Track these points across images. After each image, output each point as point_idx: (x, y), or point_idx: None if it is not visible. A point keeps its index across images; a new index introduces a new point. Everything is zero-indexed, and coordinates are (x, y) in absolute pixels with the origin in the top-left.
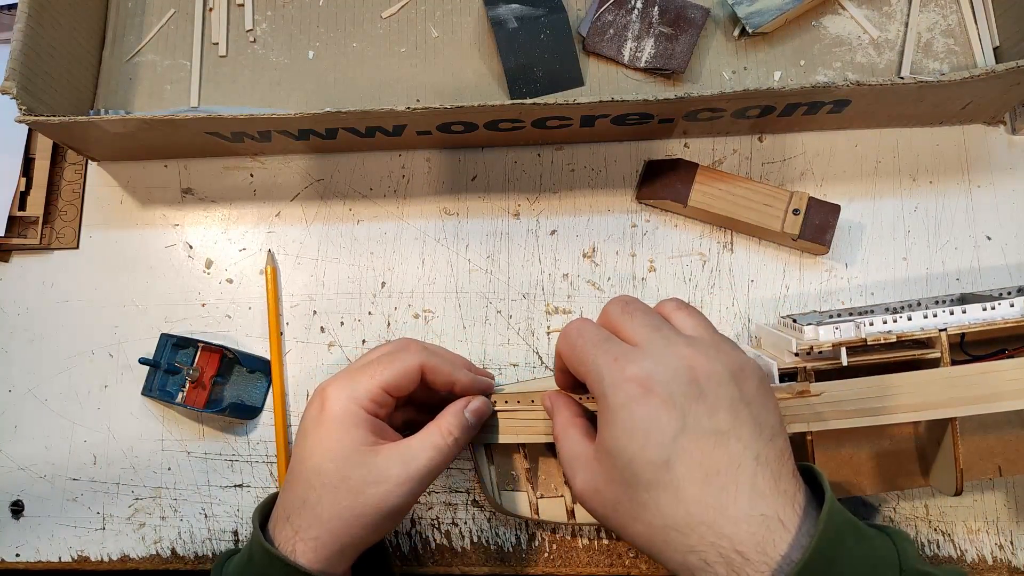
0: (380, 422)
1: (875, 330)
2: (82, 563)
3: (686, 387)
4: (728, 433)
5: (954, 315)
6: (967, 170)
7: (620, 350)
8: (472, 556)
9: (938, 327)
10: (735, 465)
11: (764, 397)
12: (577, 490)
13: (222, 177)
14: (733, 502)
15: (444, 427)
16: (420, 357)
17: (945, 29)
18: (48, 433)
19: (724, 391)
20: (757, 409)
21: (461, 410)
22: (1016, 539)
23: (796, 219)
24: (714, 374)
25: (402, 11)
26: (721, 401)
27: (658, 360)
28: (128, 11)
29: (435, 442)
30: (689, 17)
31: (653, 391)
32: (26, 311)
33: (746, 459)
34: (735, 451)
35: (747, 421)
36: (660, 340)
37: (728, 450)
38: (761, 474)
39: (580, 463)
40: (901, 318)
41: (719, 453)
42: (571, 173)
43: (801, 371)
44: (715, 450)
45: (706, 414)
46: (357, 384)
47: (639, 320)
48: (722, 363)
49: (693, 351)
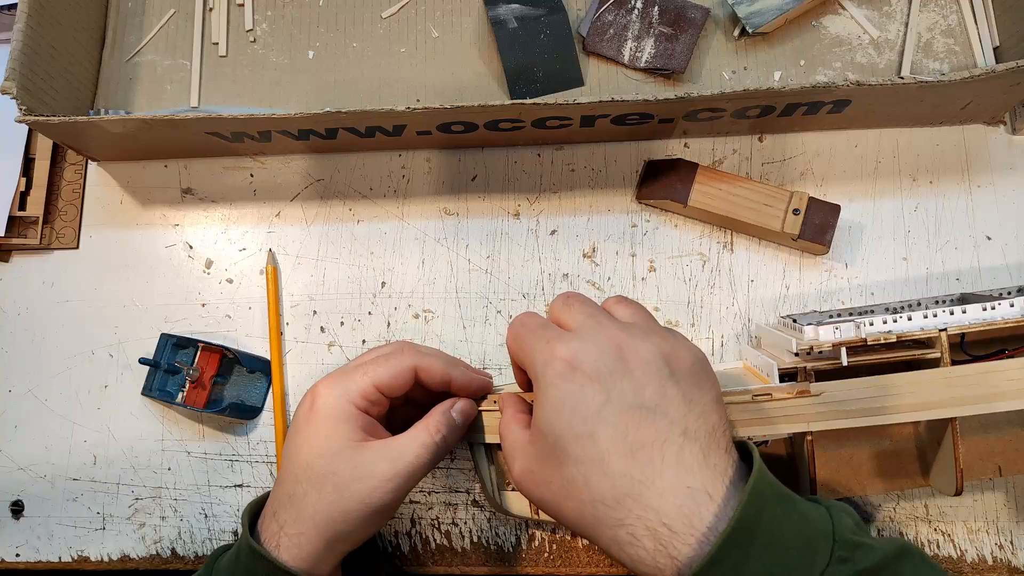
0: (371, 419)
1: (875, 330)
2: (82, 563)
3: (612, 363)
4: (654, 409)
5: (954, 315)
6: (967, 170)
7: (554, 334)
8: (472, 556)
9: (938, 327)
10: (661, 439)
11: (696, 376)
12: (515, 476)
13: (222, 177)
14: (659, 475)
15: (432, 426)
16: (414, 358)
17: (945, 29)
18: (48, 433)
19: (652, 369)
20: (687, 387)
21: (448, 410)
22: (1016, 539)
23: (796, 219)
24: (642, 352)
25: (402, 11)
26: (649, 378)
27: (587, 340)
28: (128, 11)
29: (423, 440)
30: (689, 17)
31: (580, 368)
32: (26, 311)
33: (673, 434)
34: (661, 426)
35: (675, 398)
36: (592, 324)
37: (654, 425)
38: (688, 448)
39: (517, 449)
40: (901, 318)
41: (645, 427)
42: (571, 173)
43: (801, 371)
44: (641, 424)
45: (632, 390)
46: (349, 382)
47: (576, 309)
48: (652, 343)
49: (623, 333)
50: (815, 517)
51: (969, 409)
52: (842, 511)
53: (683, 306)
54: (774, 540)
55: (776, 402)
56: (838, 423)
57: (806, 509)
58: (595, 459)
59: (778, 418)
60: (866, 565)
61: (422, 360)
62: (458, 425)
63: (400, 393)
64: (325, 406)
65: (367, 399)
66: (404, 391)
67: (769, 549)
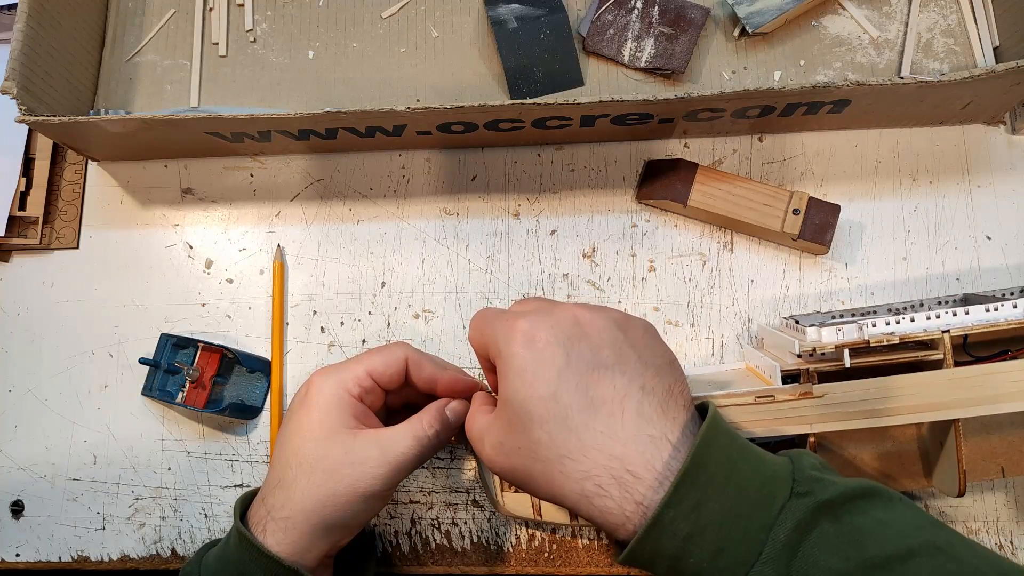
0: (364, 408)
1: (878, 331)
2: (82, 563)
3: (570, 329)
4: (612, 367)
5: (957, 316)
6: (967, 170)
7: (513, 314)
8: (472, 556)
9: (941, 328)
10: (620, 395)
11: (650, 342)
12: (486, 456)
13: (222, 177)
14: (621, 427)
15: (426, 420)
16: (405, 351)
17: (945, 29)
18: (48, 433)
19: (607, 334)
20: (642, 350)
21: (442, 407)
22: (1016, 539)
23: (796, 219)
24: (597, 319)
25: (402, 11)
26: (604, 341)
27: (545, 314)
28: (128, 11)
29: (416, 431)
30: (689, 17)
31: (538, 336)
32: (26, 311)
33: (632, 389)
34: (619, 383)
35: (631, 359)
36: (548, 306)
37: (613, 382)
38: (647, 402)
39: (484, 431)
40: (904, 319)
41: (604, 384)
42: (571, 173)
43: (804, 372)
44: (600, 381)
45: (589, 351)
46: (343, 370)
47: (532, 300)
48: (606, 314)
49: (579, 307)
50: (773, 460)
51: (972, 411)
52: (803, 454)
53: (683, 306)
54: (731, 479)
55: (779, 404)
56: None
57: (763, 453)
58: (559, 416)
59: (781, 419)
60: (827, 496)
61: (413, 354)
62: (451, 423)
63: (393, 384)
64: (320, 392)
65: (361, 386)
66: (396, 382)
67: (727, 488)
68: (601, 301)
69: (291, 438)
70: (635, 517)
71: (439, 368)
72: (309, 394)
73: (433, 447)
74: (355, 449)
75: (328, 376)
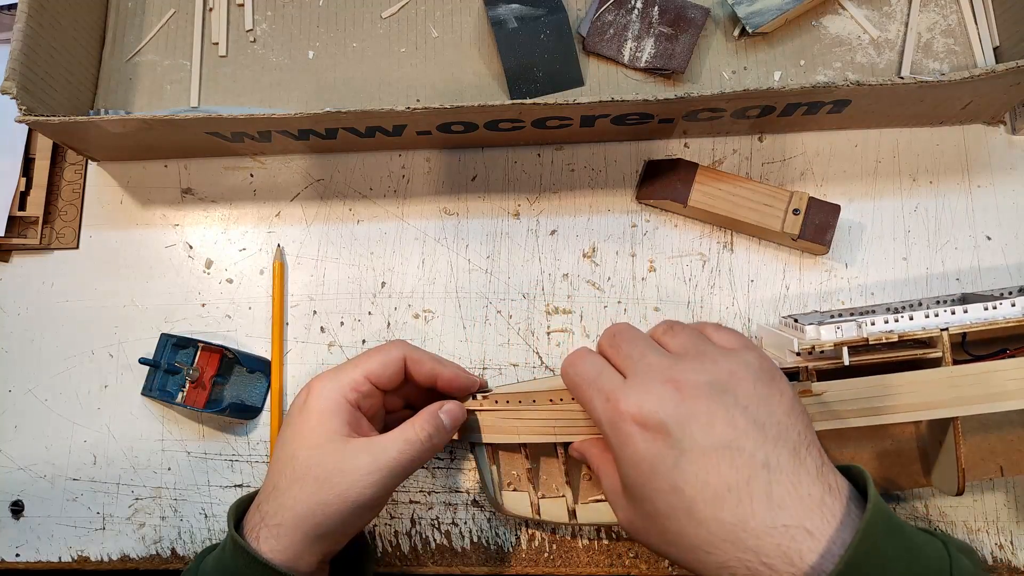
0: (360, 415)
1: (877, 329)
2: (82, 563)
3: (675, 410)
4: (729, 445)
5: (955, 315)
6: (967, 170)
7: (610, 385)
8: (472, 556)
9: (939, 326)
10: (744, 479)
11: (763, 395)
12: (621, 524)
13: (222, 177)
14: (751, 516)
15: (418, 424)
16: (403, 349)
17: (945, 29)
18: (48, 433)
19: (716, 403)
20: (756, 410)
21: (436, 411)
22: (1016, 539)
23: (796, 219)
24: (702, 388)
25: (402, 11)
26: (715, 414)
27: (645, 390)
28: (128, 11)
29: (407, 436)
30: (689, 17)
31: (646, 424)
32: (26, 311)
33: (755, 468)
34: (740, 463)
35: (747, 427)
36: (644, 369)
37: (733, 463)
38: (776, 481)
39: (615, 498)
40: (903, 317)
41: (725, 468)
42: (571, 173)
43: (803, 370)
44: (720, 466)
45: (701, 432)
46: (342, 375)
47: (625, 351)
48: (708, 374)
49: (677, 371)
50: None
51: (971, 409)
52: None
53: (683, 306)
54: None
55: None
56: (840, 423)
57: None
58: (684, 510)
59: None
60: None
61: (412, 352)
62: (445, 426)
63: (392, 385)
64: (318, 398)
65: (359, 391)
66: (395, 383)
67: None
68: (601, 301)
69: (286, 445)
70: None
71: (438, 363)
72: (307, 401)
73: (427, 451)
74: (346, 457)
75: (326, 382)
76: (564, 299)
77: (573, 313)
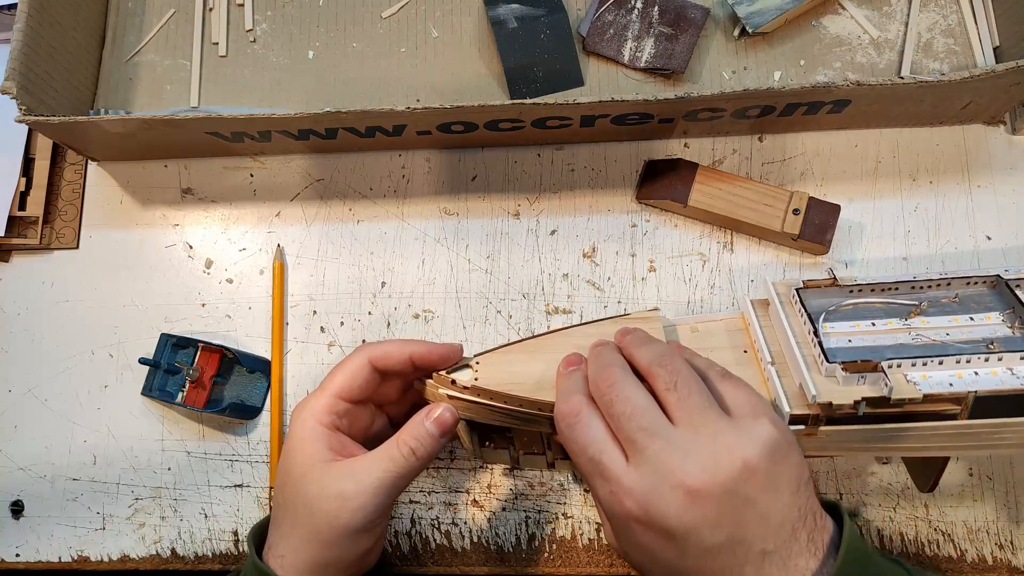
0: (341, 436)
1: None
2: (82, 563)
3: (684, 516)
4: (731, 541)
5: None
6: (967, 170)
7: (615, 473)
8: (472, 556)
9: (969, 389)
10: (739, 564)
11: (772, 479)
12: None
13: (222, 177)
14: None
15: (402, 440)
16: (365, 353)
17: (945, 29)
18: (48, 433)
19: (726, 505)
20: (764, 503)
21: (421, 421)
22: (1016, 539)
23: (796, 219)
24: (713, 492)
25: (402, 11)
26: (724, 516)
27: (652, 491)
28: (128, 11)
29: (390, 454)
30: (689, 17)
31: (651, 526)
32: (26, 311)
33: (751, 555)
34: (740, 552)
35: (752, 521)
36: (651, 460)
37: (733, 553)
38: (768, 563)
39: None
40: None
41: (723, 558)
42: (571, 173)
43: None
44: (719, 557)
45: (708, 531)
46: (312, 401)
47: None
48: (721, 473)
49: (688, 472)
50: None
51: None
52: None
53: (683, 306)
54: None
55: None
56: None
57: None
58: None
59: None
60: None
61: (374, 351)
62: (434, 435)
63: (365, 393)
64: (296, 430)
65: (333, 413)
66: (369, 390)
67: None
68: (601, 301)
69: (279, 476)
70: None
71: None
72: (290, 432)
73: (415, 464)
74: (329, 484)
75: (301, 411)
76: (564, 299)
77: (573, 313)
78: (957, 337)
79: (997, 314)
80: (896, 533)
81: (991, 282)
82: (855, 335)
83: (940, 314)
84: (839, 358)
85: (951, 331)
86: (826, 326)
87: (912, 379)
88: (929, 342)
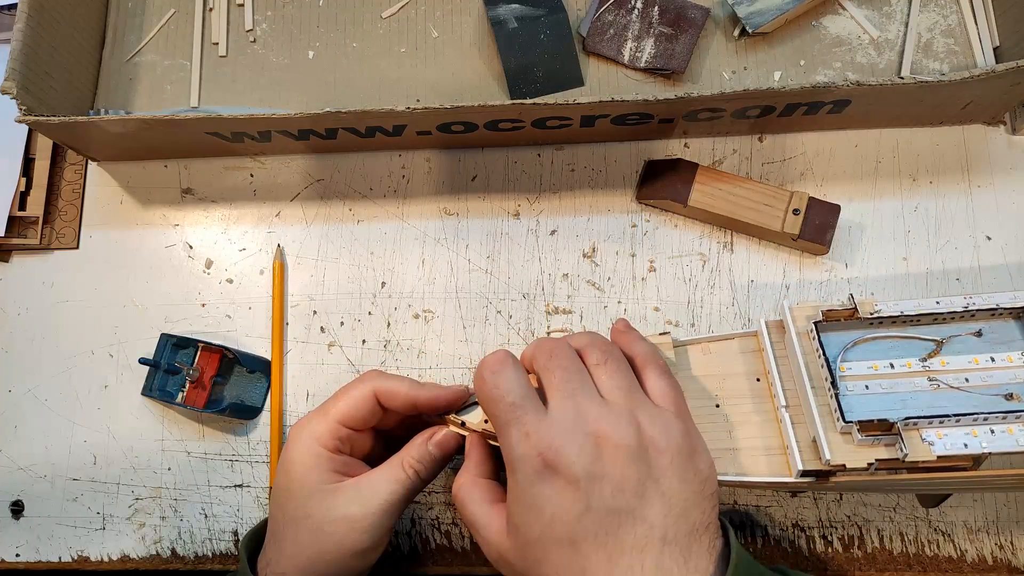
0: (343, 458)
1: (916, 443)
2: (82, 563)
3: (591, 465)
4: (633, 512)
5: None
6: (967, 170)
7: (530, 417)
8: (472, 556)
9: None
10: (640, 547)
11: (678, 471)
12: (488, 557)
13: (222, 177)
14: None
15: (406, 460)
16: (372, 383)
17: (945, 29)
18: (48, 433)
19: (632, 469)
20: (668, 483)
21: (424, 442)
22: (1016, 539)
23: (796, 219)
24: (621, 450)
25: (402, 11)
26: (628, 479)
27: (568, 436)
28: (128, 11)
29: (395, 475)
30: (689, 17)
31: (558, 470)
32: (26, 311)
33: (652, 540)
34: (640, 532)
35: (655, 499)
36: (571, 411)
37: (634, 530)
38: (668, 553)
39: (486, 531)
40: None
41: (624, 533)
42: (571, 173)
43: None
44: (620, 530)
45: (611, 493)
46: (317, 423)
47: (558, 380)
48: (632, 438)
49: (604, 425)
50: None
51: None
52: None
53: (683, 306)
54: None
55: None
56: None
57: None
58: (576, 566)
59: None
60: None
61: (381, 384)
62: (436, 458)
63: (368, 424)
64: (296, 450)
65: (336, 437)
66: (372, 420)
67: None
68: (601, 301)
69: (278, 495)
70: None
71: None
72: (288, 452)
73: (418, 485)
74: (336, 507)
75: (303, 430)
76: (564, 299)
77: (573, 313)
78: (976, 382)
79: (1019, 354)
80: (896, 533)
81: (1016, 313)
82: (872, 379)
83: (961, 351)
84: (855, 411)
85: (970, 375)
86: (843, 367)
87: (927, 439)
88: (947, 389)
